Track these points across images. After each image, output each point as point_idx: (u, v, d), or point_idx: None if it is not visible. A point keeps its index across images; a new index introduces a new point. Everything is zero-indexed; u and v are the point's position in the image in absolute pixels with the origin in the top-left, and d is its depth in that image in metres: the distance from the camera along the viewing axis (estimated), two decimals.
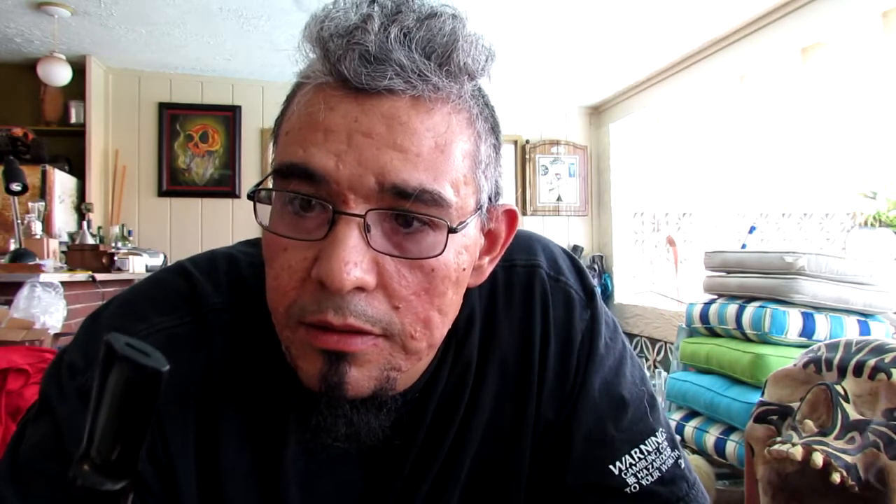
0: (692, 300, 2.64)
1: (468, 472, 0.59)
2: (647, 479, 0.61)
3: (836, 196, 4.61)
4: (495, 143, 0.53)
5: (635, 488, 0.60)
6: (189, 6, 3.31)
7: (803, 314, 2.14)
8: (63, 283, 2.39)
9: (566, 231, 4.95)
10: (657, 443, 0.62)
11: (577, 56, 3.98)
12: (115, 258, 3.34)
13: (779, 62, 3.36)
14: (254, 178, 4.44)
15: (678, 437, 0.70)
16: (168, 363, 0.28)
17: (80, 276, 2.80)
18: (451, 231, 0.47)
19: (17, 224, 2.89)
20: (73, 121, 4.03)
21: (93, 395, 0.28)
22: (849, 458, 0.92)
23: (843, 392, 1.00)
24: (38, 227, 3.04)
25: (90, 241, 3.63)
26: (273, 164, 0.50)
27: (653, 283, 4.79)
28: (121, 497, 0.30)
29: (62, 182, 3.82)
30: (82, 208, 3.96)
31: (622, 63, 4.08)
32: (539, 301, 0.62)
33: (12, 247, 2.89)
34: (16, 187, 2.75)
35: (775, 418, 1.07)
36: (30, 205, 3.15)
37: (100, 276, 2.92)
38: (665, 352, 3.99)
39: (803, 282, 2.14)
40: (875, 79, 3.25)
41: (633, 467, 0.61)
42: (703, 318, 2.46)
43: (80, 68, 3.88)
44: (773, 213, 5.03)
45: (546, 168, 4.94)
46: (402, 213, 0.46)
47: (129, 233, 4.10)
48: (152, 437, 0.51)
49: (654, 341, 4.14)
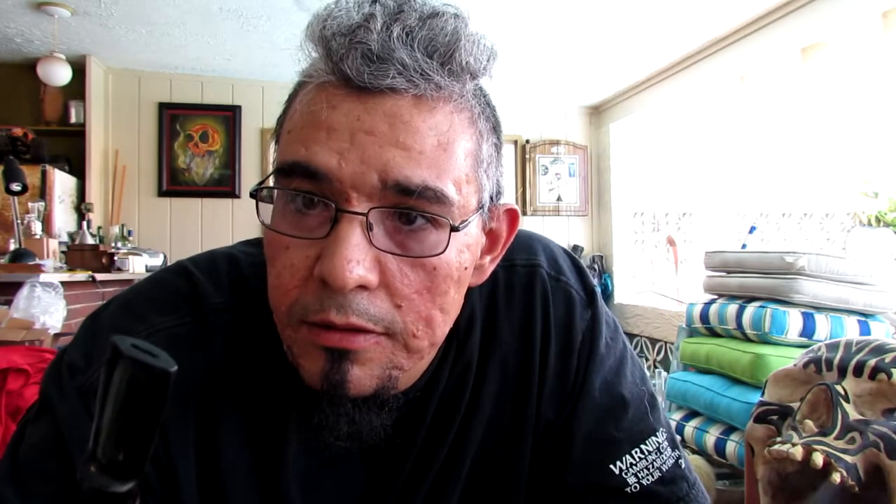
0: (692, 300, 2.64)
1: (469, 471, 0.59)
2: (648, 479, 0.61)
3: (836, 196, 4.60)
4: (496, 143, 0.53)
5: (636, 488, 0.60)
6: (189, 6, 3.31)
7: (803, 314, 2.14)
8: (63, 283, 2.39)
9: (566, 231, 4.95)
10: (657, 443, 0.62)
11: (577, 56, 3.98)
12: (115, 258, 3.34)
13: (779, 62, 3.36)
14: (254, 178, 4.44)
15: (678, 437, 0.70)
16: (175, 364, 0.28)
17: (80, 276, 2.80)
18: (454, 229, 0.47)
19: (17, 224, 2.89)
20: (73, 121, 4.03)
21: (98, 397, 0.28)
22: (849, 458, 0.92)
23: (843, 392, 1.00)
24: (37, 227, 3.04)
25: (90, 241, 3.63)
26: (275, 162, 0.50)
27: (653, 283, 4.79)
28: (128, 499, 0.29)
29: (62, 182, 3.82)
30: (82, 208, 3.96)
31: (622, 63, 4.08)
32: (540, 301, 0.62)
33: (12, 247, 2.89)
34: (16, 187, 2.75)
35: (775, 418, 1.07)
36: (30, 205, 3.15)
37: (100, 276, 2.92)
38: (665, 352, 3.99)
39: (803, 282, 2.14)
40: (875, 79, 3.24)
41: (634, 467, 0.61)
42: (704, 318, 2.46)
43: (80, 68, 3.87)
44: (773, 213, 5.03)
45: (546, 168, 4.93)
46: (405, 210, 0.46)
47: (129, 233, 4.10)
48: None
49: (654, 341, 4.14)
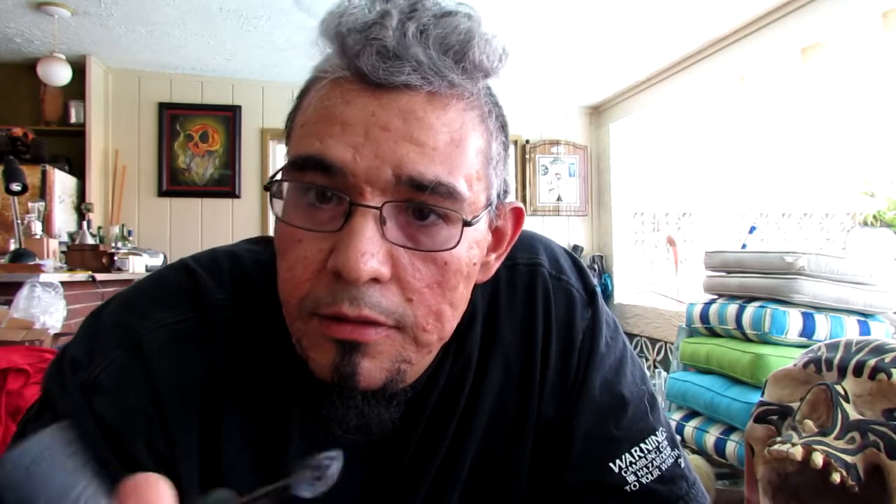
0: (692, 300, 2.64)
1: (469, 468, 0.60)
2: (647, 478, 0.61)
3: (836, 196, 4.61)
4: (504, 142, 0.54)
5: (635, 486, 0.60)
6: (189, 6, 3.31)
7: (803, 314, 2.14)
8: (63, 283, 2.39)
9: (566, 231, 4.95)
10: (657, 442, 0.63)
11: (577, 56, 3.98)
12: (115, 258, 3.34)
13: (779, 62, 3.36)
14: (254, 177, 4.44)
15: (678, 437, 0.70)
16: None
17: (80, 276, 2.80)
18: (466, 224, 0.48)
19: (17, 224, 2.89)
20: (72, 121, 4.03)
21: None
22: (849, 458, 0.92)
23: (843, 392, 1.00)
24: (37, 227, 3.04)
25: (90, 241, 3.63)
26: (287, 157, 0.50)
27: (653, 283, 4.79)
28: None
29: (62, 182, 3.82)
30: (82, 208, 3.96)
31: (622, 63, 4.08)
32: (541, 299, 0.62)
33: (12, 247, 2.89)
34: (16, 187, 2.75)
35: (775, 418, 1.07)
36: (30, 205, 3.16)
37: (100, 276, 2.93)
38: (665, 352, 3.99)
39: (803, 282, 2.14)
40: (875, 79, 3.25)
41: (633, 465, 0.61)
42: (703, 318, 2.46)
43: (80, 68, 3.88)
44: (773, 213, 5.03)
45: (546, 168, 4.93)
46: (418, 205, 0.47)
47: (129, 233, 4.10)
48: (155, 433, 0.51)
49: (654, 341, 4.14)
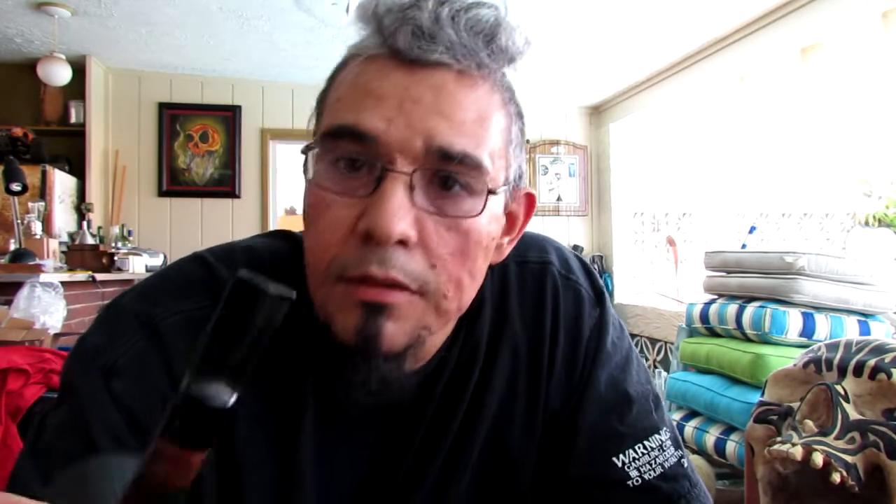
0: (692, 300, 2.64)
1: (480, 451, 0.60)
2: (650, 474, 0.62)
3: (836, 196, 4.61)
4: (522, 128, 0.57)
5: (637, 482, 0.61)
6: (189, 6, 3.31)
7: (803, 314, 2.14)
8: (63, 283, 2.39)
9: (566, 231, 4.95)
10: (661, 440, 0.63)
11: (577, 56, 3.98)
12: (115, 258, 3.34)
13: (779, 62, 3.36)
14: (254, 177, 4.44)
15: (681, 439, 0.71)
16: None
17: (80, 276, 2.80)
18: (490, 192, 0.51)
19: (17, 224, 2.89)
20: (72, 121, 4.03)
21: (214, 315, 0.28)
22: (849, 458, 0.92)
23: (843, 392, 1.00)
24: (37, 227, 3.04)
25: (90, 241, 3.64)
26: (320, 128, 0.53)
27: (653, 283, 4.79)
28: (223, 421, 0.28)
29: (62, 182, 3.82)
30: (82, 208, 3.96)
31: (622, 63, 4.08)
32: (550, 296, 0.64)
33: (12, 247, 2.90)
34: (16, 187, 2.75)
35: (775, 418, 1.07)
36: (30, 205, 3.16)
37: (100, 276, 2.93)
38: (665, 352, 3.99)
39: (803, 282, 2.14)
40: (875, 79, 3.25)
41: (636, 461, 0.62)
42: (703, 318, 2.46)
43: (80, 68, 3.88)
44: (773, 213, 5.04)
45: (546, 168, 4.94)
46: (446, 174, 0.50)
47: (129, 233, 4.10)
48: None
49: (654, 341, 4.15)
